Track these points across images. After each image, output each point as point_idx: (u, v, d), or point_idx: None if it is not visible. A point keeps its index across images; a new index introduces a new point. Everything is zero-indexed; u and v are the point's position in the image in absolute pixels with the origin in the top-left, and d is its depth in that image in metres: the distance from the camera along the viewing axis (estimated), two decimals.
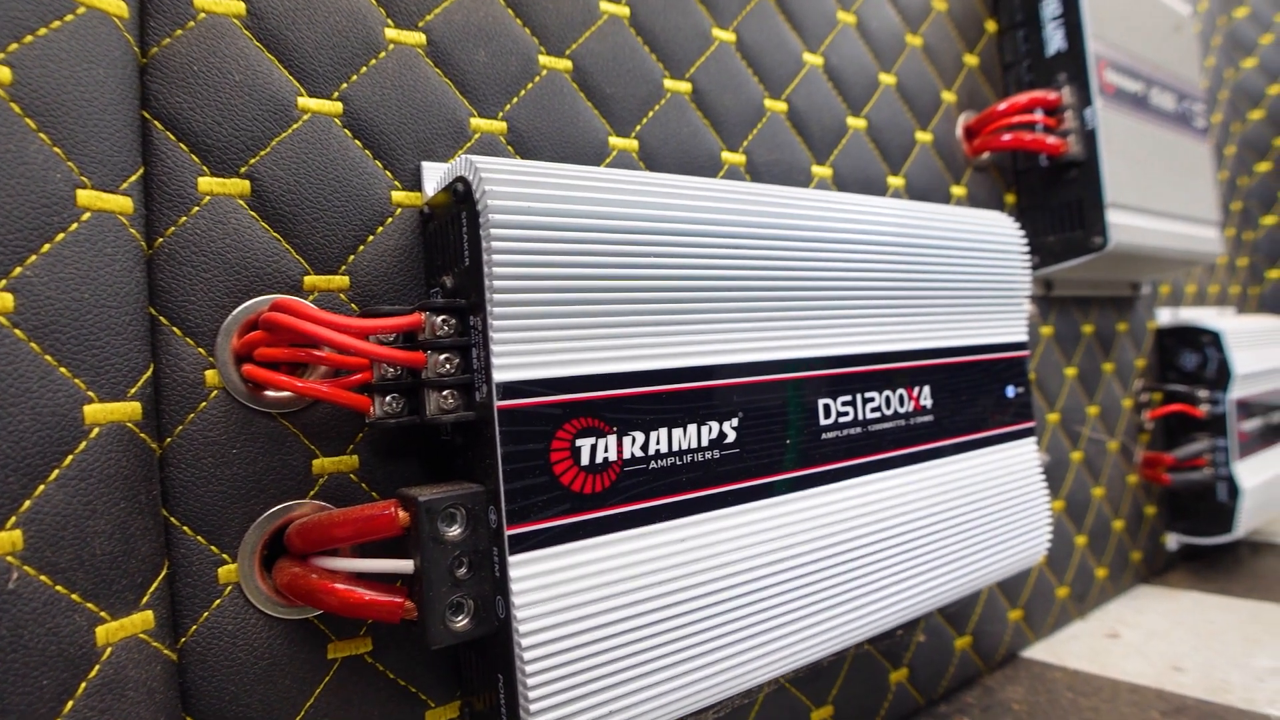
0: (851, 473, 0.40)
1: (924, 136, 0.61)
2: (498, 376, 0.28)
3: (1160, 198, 0.69)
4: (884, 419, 0.42)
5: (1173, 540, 0.87)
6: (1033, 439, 0.52)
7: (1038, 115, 0.64)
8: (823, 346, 0.39)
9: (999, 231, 0.50)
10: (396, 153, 0.35)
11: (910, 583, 0.42)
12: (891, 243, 0.42)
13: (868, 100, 0.57)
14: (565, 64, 0.41)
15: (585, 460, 0.30)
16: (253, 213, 0.31)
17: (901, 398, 0.43)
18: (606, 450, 0.31)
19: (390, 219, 0.34)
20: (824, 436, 0.39)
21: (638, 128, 0.44)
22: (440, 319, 0.30)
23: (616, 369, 0.31)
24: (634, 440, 0.32)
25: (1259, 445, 0.86)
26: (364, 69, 0.35)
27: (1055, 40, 0.65)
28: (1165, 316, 0.88)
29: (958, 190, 0.64)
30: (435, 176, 0.35)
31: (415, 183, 0.35)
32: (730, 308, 0.35)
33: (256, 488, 0.31)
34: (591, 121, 0.42)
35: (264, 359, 0.29)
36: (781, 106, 0.51)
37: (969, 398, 0.47)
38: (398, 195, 0.35)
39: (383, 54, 0.35)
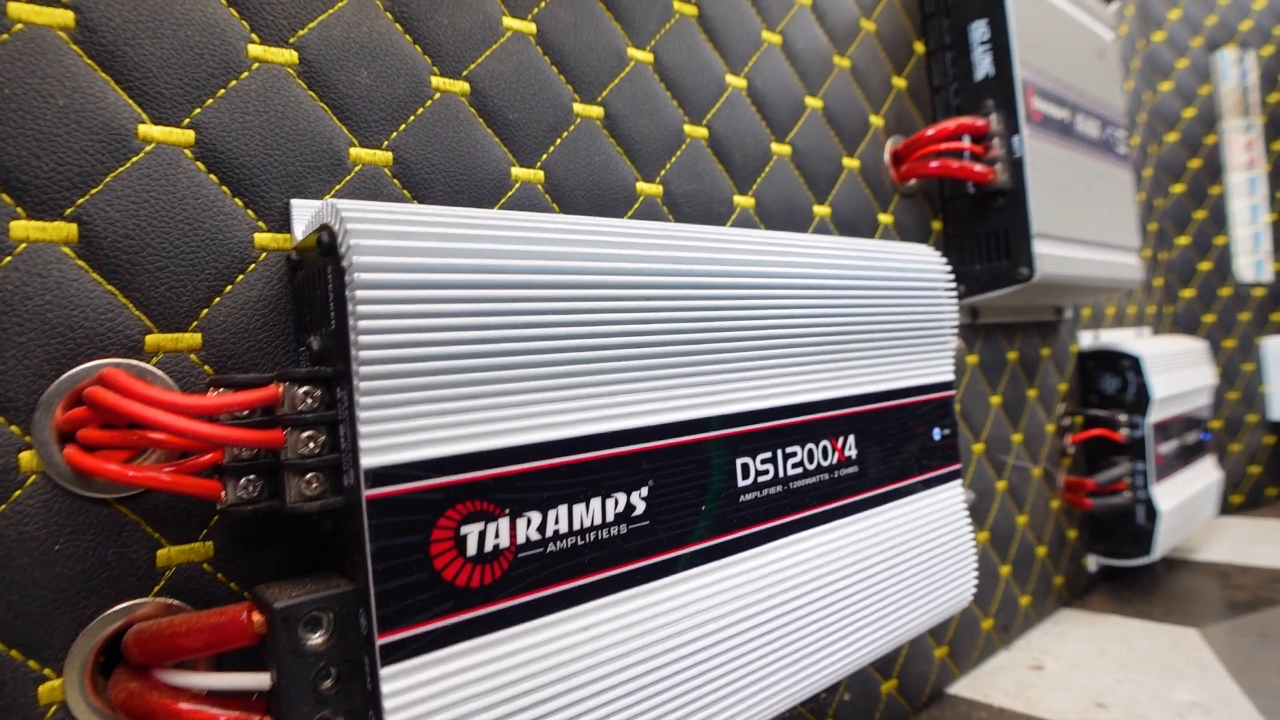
0: (772, 535, 0.37)
1: (851, 163, 0.59)
2: (366, 461, 0.24)
3: (1085, 226, 0.69)
4: (806, 474, 0.39)
5: (1093, 562, 0.87)
6: (959, 481, 0.50)
7: (965, 142, 0.62)
8: (740, 402, 0.36)
9: (925, 267, 0.48)
10: (261, 189, 0.31)
11: (836, 645, 0.39)
12: (812, 284, 0.40)
13: (793, 125, 0.55)
14: (462, 86, 0.37)
15: (472, 550, 0.27)
16: (81, 262, 0.27)
17: (825, 450, 0.40)
18: (498, 536, 0.27)
19: (253, 265, 0.30)
20: (742, 499, 0.36)
21: (544, 157, 0.40)
22: (302, 390, 0.26)
23: (507, 443, 0.28)
24: (529, 522, 0.28)
25: (1175, 467, 0.87)
26: (221, 92, 0.30)
27: (984, 65, 0.64)
28: (1087, 339, 0.89)
29: (885, 218, 0.62)
30: (307, 216, 0.31)
31: (284, 223, 0.31)
32: (636, 365, 0.32)
33: (87, 588, 0.26)
34: (491, 150, 0.38)
35: (88, 442, 0.25)
36: (702, 132, 0.48)
37: (895, 444, 0.45)
38: (261, 238, 0.30)
39: (245, 74, 0.31)
